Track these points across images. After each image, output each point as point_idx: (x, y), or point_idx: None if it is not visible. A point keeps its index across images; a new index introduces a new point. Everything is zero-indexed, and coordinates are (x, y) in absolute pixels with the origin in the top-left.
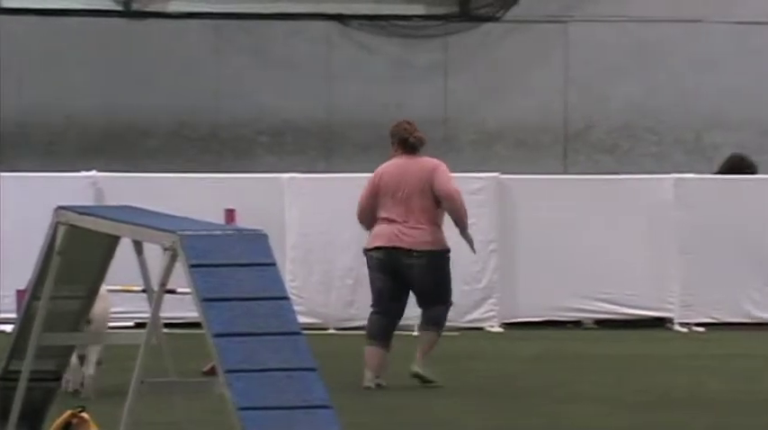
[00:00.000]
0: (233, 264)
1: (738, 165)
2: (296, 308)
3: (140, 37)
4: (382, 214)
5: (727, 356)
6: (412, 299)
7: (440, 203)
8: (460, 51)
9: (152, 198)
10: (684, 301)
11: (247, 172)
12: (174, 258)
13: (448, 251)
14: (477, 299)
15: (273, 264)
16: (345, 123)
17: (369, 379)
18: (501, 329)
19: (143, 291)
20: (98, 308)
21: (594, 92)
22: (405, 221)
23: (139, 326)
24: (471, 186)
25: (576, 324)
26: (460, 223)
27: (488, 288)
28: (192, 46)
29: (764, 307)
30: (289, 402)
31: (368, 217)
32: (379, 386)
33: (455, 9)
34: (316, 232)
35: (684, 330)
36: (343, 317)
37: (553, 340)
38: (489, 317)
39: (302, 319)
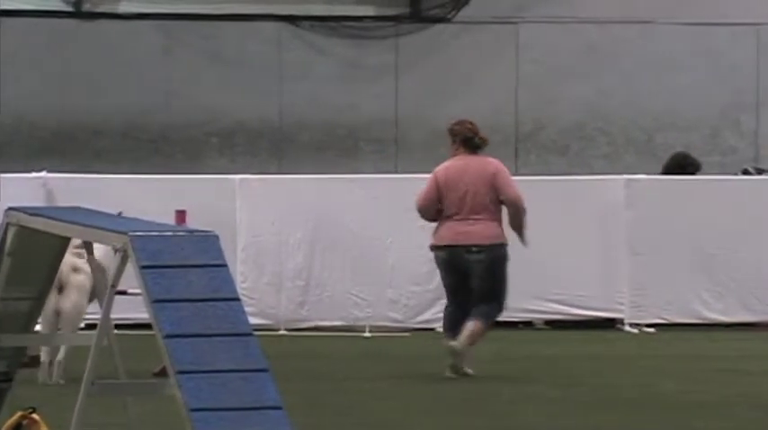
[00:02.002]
0: (184, 266)
1: (681, 162)
2: (247, 309)
3: (90, 38)
4: (444, 211)
5: (678, 357)
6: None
7: (501, 200)
8: (411, 52)
9: (103, 199)
10: (634, 302)
11: (198, 173)
12: (124, 259)
13: (506, 245)
14: (428, 299)
15: (224, 266)
16: (297, 124)
17: (455, 363)
18: None
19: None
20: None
21: (545, 93)
22: (465, 218)
23: (90, 327)
24: (423, 187)
25: (527, 324)
26: (519, 228)
27: (439, 288)
28: (142, 47)
29: (714, 308)
30: (240, 403)
31: (430, 212)
32: (464, 374)
33: (406, 10)
34: (267, 233)
35: (635, 331)
36: (293, 317)
37: (504, 340)
38: (440, 318)
39: (253, 320)
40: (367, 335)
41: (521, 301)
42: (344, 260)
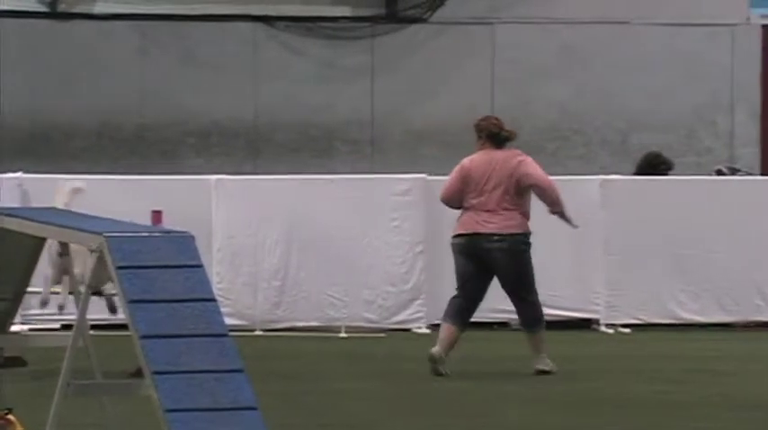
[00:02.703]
0: (160, 266)
1: (653, 162)
2: (223, 309)
3: (66, 38)
4: (467, 203)
5: (653, 357)
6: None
7: (524, 193)
8: (387, 53)
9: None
10: (610, 302)
11: (174, 173)
12: (100, 260)
13: (529, 235)
14: (405, 300)
15: (200, 266)
16: (272, 125)
17: (436, 351)
18: (428, 330)
19: (70, 292)
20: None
21: (521, 93)
22: (489, 210)
23: (66, 328)
24: (398, 187)
25: (503, 325)
26: (556, 205)
27: (415, 289)
28: (117, 47)
29: (690, 308)
30: (216, 404)
31: (454, 202)
32: (440, 374)
33: (382, 10)
34: (242, 234)
35: (610, 331)
36: (269, 318)
37: (480, 341)
38: (416, 318)
39: (229, 321)
40: (343, 335)
41: (497, 302)
42: (320, 260)
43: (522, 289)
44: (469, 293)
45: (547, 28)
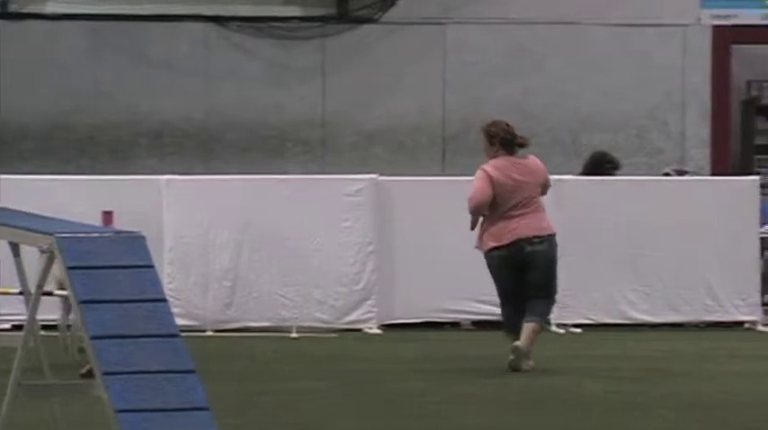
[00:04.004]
0: (111, 266)
1: (599, 161)
2: (174, 310)
3: (17, 38)
4: (498, 210)
5: (604, 357)
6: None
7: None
8: (339, 53)
9: (29, 199)
10: (561, 302)
11: (125, 174)
12: (51, 260)
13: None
14: (356, 300)
15: (151, 266)
16: (224, 125)
17: (522, 344)
18: (379, 331)
19: (20, 293)
20: None
21: (473, 93)
22: (524, 214)
23: (17, 328)
24: (350, 188)
25: (455, 325)
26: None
27: (366, 289)
28: (69, 47)
29: (640, 308)
30: (167, 404)
31: (485, 207)
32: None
33: (333, 11)
34: (193, 234)
35: (561, 331)
36: (220, 318)
37: (431, 341)
38: (368, 318)
39: (180, 321)
40: (294, 335)
41: (448, 302)
42: (272, 261)
43: (548, 287)
44: (518, 303)
45: (498, 28)
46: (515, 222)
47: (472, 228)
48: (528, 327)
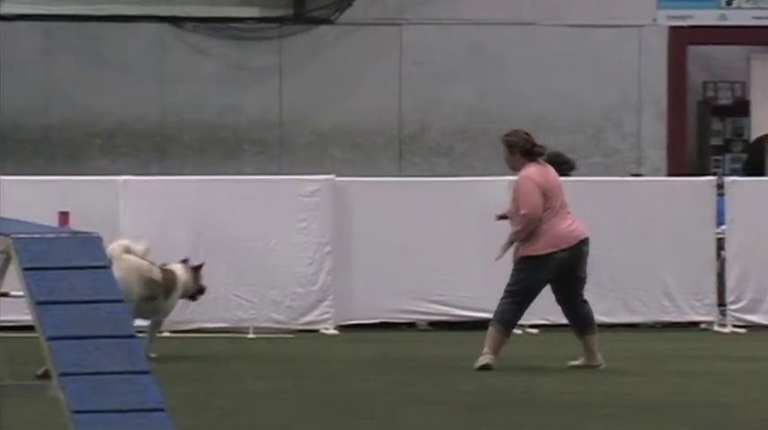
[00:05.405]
0: (67, 267)
1: (554, 161)
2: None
3: None
4: (551, 213)
5: (561, 358)
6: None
7: None
8: (295, 54)
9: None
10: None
11: (81, 174)
12: (7, 261)
13: None
14: (312, 301)
15: (108, 267)
16: (179, 125)
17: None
18: (336, 331)
19: None
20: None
21: (429, 94)
22: (570, 214)
23: None
24: (306, 188)
25: (411, 326)
26: None
27: (323, 290)
28: (23, 48)
29: (596, 308)
30: (123, 405)
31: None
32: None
33: (289, 11)
34: (150, 235)
35: (518, 332)
36: (177, 319)
37: (387, 342)
38: (324, 319)
39: (137, 322)
40: (251, 336)
41: (404, 303)
42: (228, 261)
43: (582, 288)
44: (526, 302)
45: (454, 29)
46: (571, 223)
47: (507, 249)
48: (593, 341)
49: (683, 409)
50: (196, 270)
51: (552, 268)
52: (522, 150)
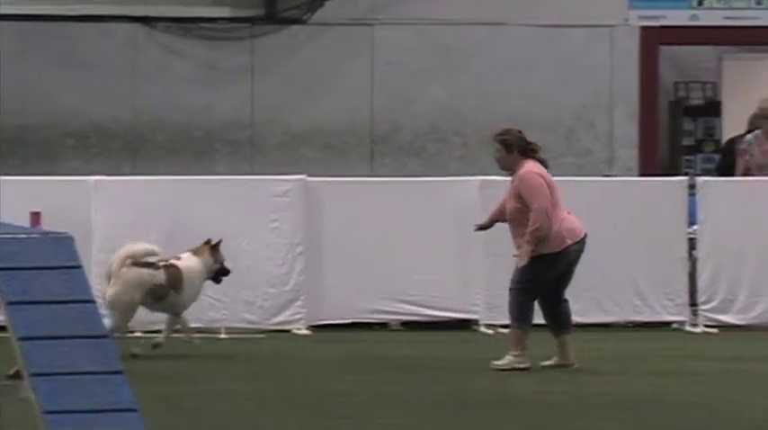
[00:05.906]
0: (39, 268)
1: None
2: (102, 311)
3: None
4: (559, 209)
5: (533, 357)
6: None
7: None
8: (267, 54)
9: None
10: (490, 303)
11: (53, 174)
12: None
13: None
14: (284, 301)
15: (80, 267)
16: (151, 125)
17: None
18: (308, 332)
19: None
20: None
21: (401, 94)
22: (567, 213)
23: None
24: (277, 188)
25: (383, 326)
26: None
27: (295, 290)
28: None
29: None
30: (95, 405)
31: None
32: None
33: (261, 12)
34: (122, 235)
35: (490, 332)
36: (149, 319)
37: (360, 342)
38: (296, 319)
39: (108, 322)
40: (222, 336)
41: (376, 303)
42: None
43: (568, 286)
44: (537, 297)
45: (426, 29)
46: (574, 218)
47: (530, 252)
48: (568, 343)
49: (657, 409)
50: (213, 249)
51: (564, 263)
52: (519, 149)
